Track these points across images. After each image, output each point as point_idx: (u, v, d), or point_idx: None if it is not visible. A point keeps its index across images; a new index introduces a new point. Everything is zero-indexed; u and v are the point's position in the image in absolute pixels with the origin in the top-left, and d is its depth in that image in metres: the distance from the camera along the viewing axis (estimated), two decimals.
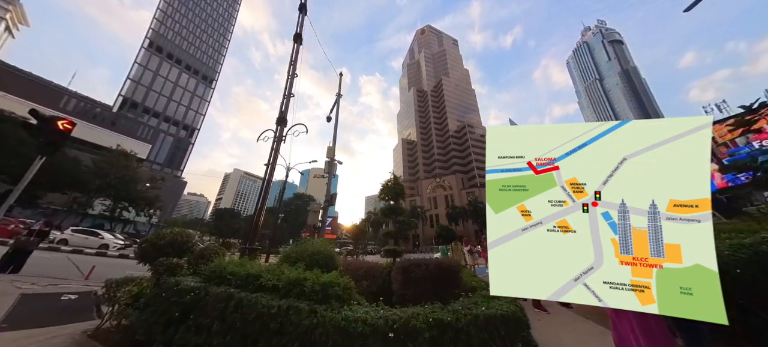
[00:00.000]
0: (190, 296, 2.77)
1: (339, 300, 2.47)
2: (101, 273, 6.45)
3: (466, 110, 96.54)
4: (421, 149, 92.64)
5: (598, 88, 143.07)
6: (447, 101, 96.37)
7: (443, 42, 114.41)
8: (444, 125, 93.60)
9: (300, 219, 65.28)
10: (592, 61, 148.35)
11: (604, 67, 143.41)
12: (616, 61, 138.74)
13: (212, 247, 4.53)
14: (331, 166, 9.58)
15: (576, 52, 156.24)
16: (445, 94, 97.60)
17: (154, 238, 4.48)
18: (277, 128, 6.59)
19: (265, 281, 2.75)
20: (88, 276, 6.65)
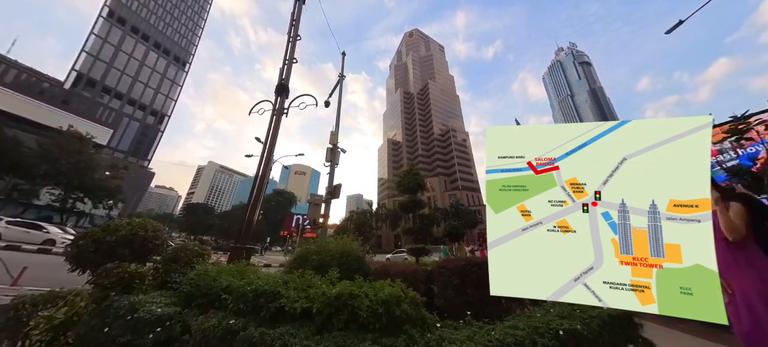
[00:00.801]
0: (157, 331, 1.75)
1: (413, 325, 1.71)
2: (38, 277, 5.46)
3: (450, 115, 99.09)
4: (406, 150, 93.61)
5: (569, 103, 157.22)
6: (433, 104, 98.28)
7: (430, 47, 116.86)
8: (429, 127, 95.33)
9: (279, 217, 63.07)
10: (564, 79, 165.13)
11: (575, 84, 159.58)
12: (585, 80, 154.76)
13: (191, 248, 3.26)
14: (334, 153, 8.21)
15: (551, 69, 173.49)
16: (431, 97, 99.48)
17: (98, 232, 3.26)
18: (276, 99, 5.45)
19: (288, 301, 1.81)
20: (17, 280, 5.39)
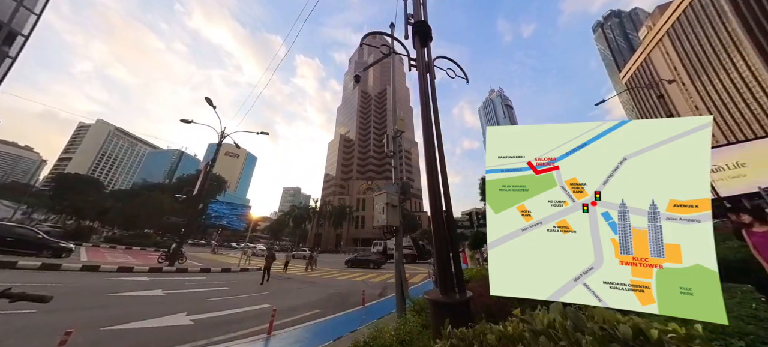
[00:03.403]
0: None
1: None
2: None
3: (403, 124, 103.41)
4: (359, 148, 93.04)
5: None
6: (389, 109, 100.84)
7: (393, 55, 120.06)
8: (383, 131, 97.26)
9: (207, 202, 54.04)
10: (494, 115, 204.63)
11: (501, 122, 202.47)
12: (508, 119, 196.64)
13: None
14: (395, 143, 5.55)
15: (485, 104, 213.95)
16: (387, 103, 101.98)
17: None
18: (420, 46, 3.17)
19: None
20: None
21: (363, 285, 11.57)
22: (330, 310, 6.96)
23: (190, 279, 10.56)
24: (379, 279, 14.00)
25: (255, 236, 74.76)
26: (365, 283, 12.33)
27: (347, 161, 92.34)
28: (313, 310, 6.89)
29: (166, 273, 11.80)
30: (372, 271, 18.41)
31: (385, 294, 9.51)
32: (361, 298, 7.61)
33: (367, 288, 10.40)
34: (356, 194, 74.05)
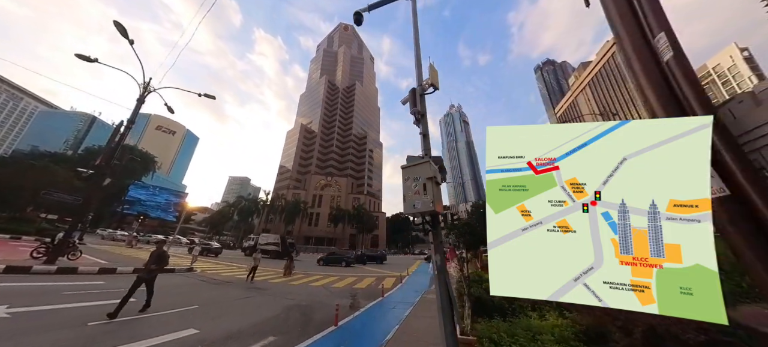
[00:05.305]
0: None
1: None
2: None
3: (368, 124, 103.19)
4: (321, 142, 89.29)
5: (454, 147, 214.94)
6: (356, 105, 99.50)
7: (363, 51, 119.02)
8: (349, 127, 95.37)
9: (127, 183, 44.97)
10: (453, 128, 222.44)
11: (459, 134, 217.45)
12: (464, 133, 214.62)
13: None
14: (422, 101, 3.50)
15: (446, 116, 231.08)
16: (356, 98, 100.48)
17: None
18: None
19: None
20: None
21: (325, 292, 10.23)
22: (291, 336, 5.19)
23: (76, 285, 7.60)
24: (342, 284, 12.57)
25: (189, 228, 64.77)
26: (326, 289, 11.04)
27: (307, 153, 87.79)
28: (264, 339, 4.94)
29: (37, 274, 8.44)
30: (333, 274, 16.64)
31: (358, 306, 7.92)
32: (328, 313, 6.24)
33: (330, 296, 9.46)
34: (313, 190, 70.72)
